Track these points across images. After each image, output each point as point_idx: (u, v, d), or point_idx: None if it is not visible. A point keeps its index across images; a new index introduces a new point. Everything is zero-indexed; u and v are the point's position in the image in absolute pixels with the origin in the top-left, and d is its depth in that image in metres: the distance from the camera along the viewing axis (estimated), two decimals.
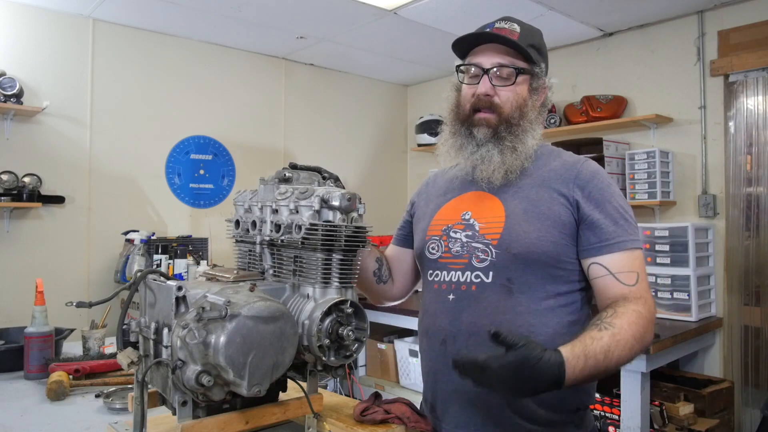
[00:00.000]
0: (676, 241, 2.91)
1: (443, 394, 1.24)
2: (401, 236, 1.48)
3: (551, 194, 1.21)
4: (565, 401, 1.19)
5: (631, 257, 1.16)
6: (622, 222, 1.17)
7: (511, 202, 1.23)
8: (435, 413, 1.27)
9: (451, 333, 1.21)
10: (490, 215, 1.23)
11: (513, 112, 1.23)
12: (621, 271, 1.14)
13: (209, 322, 0.87)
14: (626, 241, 1.16)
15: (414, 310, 3.20)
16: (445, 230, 1.28)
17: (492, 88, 1.23)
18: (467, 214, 1.26)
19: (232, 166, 4.05)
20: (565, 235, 1.18)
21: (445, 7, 3.22)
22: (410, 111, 5.10)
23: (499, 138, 1.22)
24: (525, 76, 1.24)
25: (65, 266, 3.33)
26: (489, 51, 1.25)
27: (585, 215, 1.18)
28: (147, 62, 3.66)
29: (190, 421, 0.94)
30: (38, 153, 3.24)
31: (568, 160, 1.27)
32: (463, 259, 1.23)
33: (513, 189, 1.24)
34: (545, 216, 1.19)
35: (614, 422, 2.52)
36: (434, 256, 1.29)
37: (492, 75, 1.23)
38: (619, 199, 1.20)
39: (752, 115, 3.09)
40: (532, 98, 1.26)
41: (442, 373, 1.24)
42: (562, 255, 1.18)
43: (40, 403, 1.47)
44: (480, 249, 1.21)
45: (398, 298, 1.50)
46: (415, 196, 1.49)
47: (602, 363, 1.00)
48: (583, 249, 1.18)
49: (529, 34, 1.26)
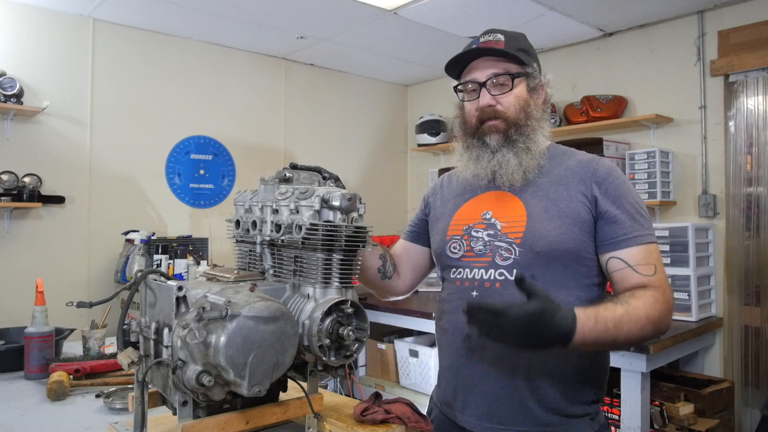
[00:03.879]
0: (677, 241, 2.92)
1: (465, 388, 1.27)
2: (413, 233, 1.52)
3: (569, 192, 1.24)
4: (583, 393, 1.23)
5: (648, 250, 1.19)
6: (638, 217, 1.21)
7: (531, 201, 1.26)
8: (453, 408, 1.30)
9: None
10: (511, 214, 1.27)
11: (518, 114, 1.27)
12: (639, 263, 1.18)
13: (210, 322, 0.87)
14: (643, 235, 1.20)
15: (414, 310, 3.21)
16: (466, 230, 1.32)
17: (492, 98, 1.27)
18: (488, 214, 1.30)
19: (232, 166, 4.05)
20: (585, 231, 1.22)
21: (445, 7, 3.22)
22: (410, 111, 5.10)
23: (512, 141, 1.26)
24: (521, 79, 1.28)
25: (65, 266, 3.33)
26: (481, 64, 1.29)
27: (603, 211, 1.22)
28: (147, 62, 3.67)
29: (190, 421, 0.94)
30: (38, 153, 3.24)
31: (583, 158, 1.31)
32: (486, 258, 1.27)
33: (532, 188, 1.28)
34: (565, 214, 1.22)
35: (614, 422, 2.52)
36: (457, 255, 1.32)
37: (489, 86, 1.27)
38: (635, 195, 1.25)
39: (752, 115, 3.09)
40: (533, 98, 1.30)
41: (465, 368, 1.27)
42: (583, 251, 1.22)
43: (40, 403, 1.47)
44: (503, 247, 1.25)
45: (404, 293, 1.53)
46: (429, 195, 1.53)
47: (611, 331, 1.06)
48: (602, 244, 1.22)
49: (514, 39, 1.30)
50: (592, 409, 1.25)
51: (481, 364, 1.24)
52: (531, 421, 1.20)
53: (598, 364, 1.26)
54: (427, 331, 3.22)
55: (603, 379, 1.29)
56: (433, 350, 3.24)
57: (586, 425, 1.22)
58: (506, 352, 1.18)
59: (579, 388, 1.22)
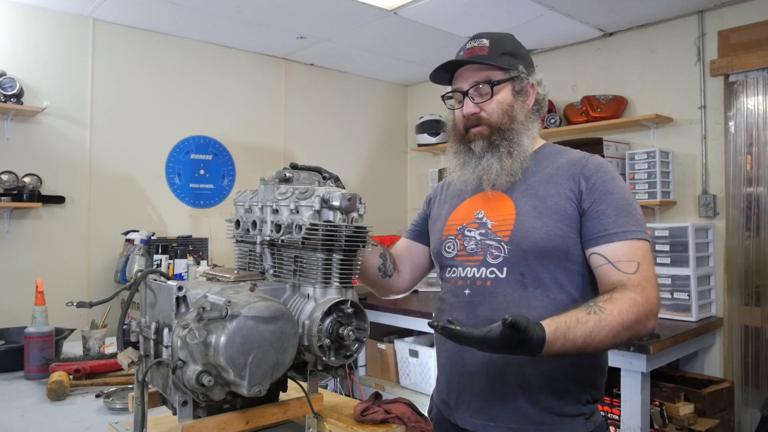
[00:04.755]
0: (676, 241, 2.92)
1: (458, 385, 1.28)
2: (414, 231, 1.55)
3: (558, 189, 1.25)
4: (577, 393, 1.23)
5: (633, 247, 1.17)
6: (624, 213, 1.19)
7: (520, 200, 1.28)
8: (449, 404, 1.31)
9: (467, 326, 1.24)
10: (501, 213, 1.28)
11: (501, 119, 1.29)
12: (620, 260, 1.16)
13: (210, 322, 0.87)
14: (627, 231, 1.18)
15: (414, 310, 3.21)
16: (460, 230, 1.34)
17: (475, 106, 1.30)
18: (480, 213, 1.32)
19: (232, 166, 4.05)
20: (572, 228, 1.22)
21: (445, 7, 3.22)
22: (410, 111, 5.10)
23: (495, 147, 1.29)
24: (504, 84, 1.30)
25: (65, 266, 3.33)
26: (465, 73, 1.32)
27: (587, 206, 1.22)
28: (147, 62, 3.66)
29: (190, 420, 0.94)
30: (38, 153, 3.24)
31: (574, 156, 1.31)
32: (478, 256, 1.28)
33: (523, 187, 1.29)
34: (553, 211, 1.23)
35: (614, 422, 2.52)
36: (450, 255, 1.34)
37: (472, 94, 1.31)
38: (623, 192, 1.23)
39: (752, 115, 3.09)
40: (518, 101, 1.31)
41: (458, 365, 1.28)
42: (572, 248, 1.22)
43: (40, 403, 1.47)
44: (493, 246, 1.26)
45: (404, 291, 1.54)
46: (432, 196, 1.56)
47: (580, 346, 1.05)
48: (585, 239, 1.22)
49: (500, 43, 1.31)
50: (587, 410, 1.24)
51: (473, 361, 1.24)
52: (522, 418, 1.20)
53: (593, 365, 1.26)
54: (427, 331, 3.21)
55: (599, 380, 1.28)
56: (432, 350, 3.24)
57: (580, 425, 1.22)
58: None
59: (572, 389, 1.22)
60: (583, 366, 1.23)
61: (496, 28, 1.40)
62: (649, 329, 1.13)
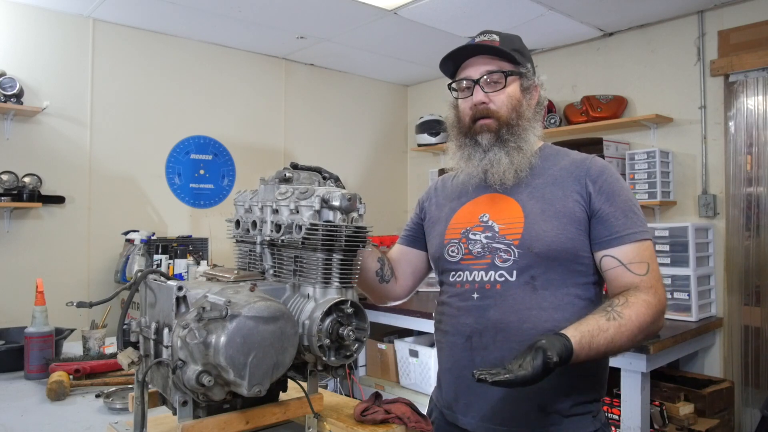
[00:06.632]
0: (676, 241, 2.91)
1: (468, 389, 1.27)
2: (409, 237, 1.52)
3: (565, 192, 1.25)
4: (585, 392, 1.24)
5: (641, 248, 1.20)
6: (631, 214, 1.22)
7: (528, 203, 1.27)
8: (454, 410, 1.30)
9: (477, 330, 1.25)
10: (508, 216, 1.27)
11: (510, 113, 1.28)
12: (632, 261, 1.19)
13: (210, 322, 0.87)
14: (636, 232, 1.20)
15: (414, 310, 3.21)
16: (463, 233, 1.32)
17: (486, 96, 1.28)
18: (485, 216, 1.30)
19: (232, 166, 4.05)
20: (581, 230, 1.23)
21: (445, 7, 3.22)
22: (410, 111, 5.10)
23: (503, 140, 1.27)
24: (514, 77, 1.29)
25: (65, 266, 3.33)
26: (475, 62, 1.30)
27: (596, 209, 1.23)
28: (147, 62, 3.66)
29: (190, 420, 0.94)
30: (38, 153, 3.24)
31: (576, 158, 1.31)
32: (485, 260, 1.27)
33: (528, 189, 1.29)
34: (561, 213, 1.23)
35: (614, 422, 2.52)
36: (455, 258, 1.32)
37: (483, 83, 1.28)
38: (628, 193, 1.26)
39: (752, 115, 3.09)
40: (525, 98, 1.31)
41: (467, 369, 1.26)
42: (580, 250, 1.23)
43: (40, 403, 1.47)
44: (502, 249, 1.26)
45: (401, 297, 1.52)
46: (424, 200, 1.52)
47: (602, 353, 1.10)
48: (595, 242, 1.23)
49: (509, 40, 1.32)
50: (594, 407, 1.26)
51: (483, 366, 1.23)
52: (534, 422, 1.21)
53: (599, 362, 1.27)
54: (427, 331, 3.21)
55: (604, 377, 1.30)
56: (433, 350, 3.24)
57: (588, 422, 1.23)
58: (508, 354, 1.19)
59: (581, 388, 1.23)
60: (591, 364, 1.24)
61: (496, 28, 1.39)
62: (660, 327, 1.18)
